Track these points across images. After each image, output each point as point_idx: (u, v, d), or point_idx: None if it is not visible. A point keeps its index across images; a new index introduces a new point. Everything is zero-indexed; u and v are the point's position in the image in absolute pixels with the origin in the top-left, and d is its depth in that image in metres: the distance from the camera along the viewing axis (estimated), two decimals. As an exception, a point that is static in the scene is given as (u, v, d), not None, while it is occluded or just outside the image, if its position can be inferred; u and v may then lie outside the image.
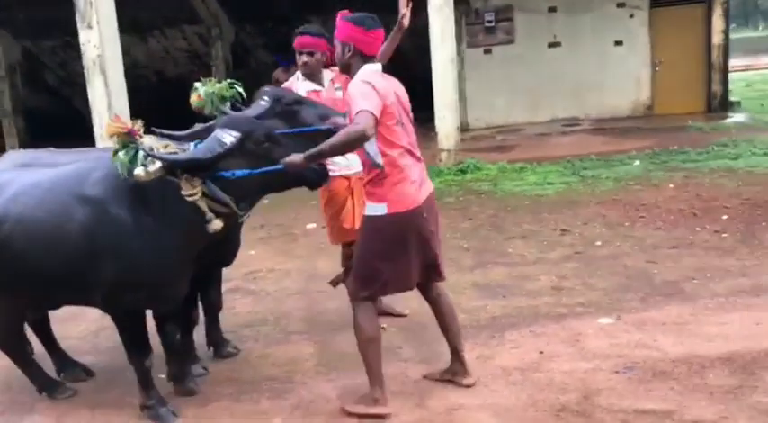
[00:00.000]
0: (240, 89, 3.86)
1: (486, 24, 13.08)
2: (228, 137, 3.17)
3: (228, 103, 3.87)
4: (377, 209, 3.32)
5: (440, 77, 9.01)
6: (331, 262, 5.36)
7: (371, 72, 3.33)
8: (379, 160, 3.28)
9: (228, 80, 3.94)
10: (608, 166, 8.85)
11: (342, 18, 3.39)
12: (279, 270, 5.98)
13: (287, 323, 4.75)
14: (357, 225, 4.12)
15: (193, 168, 3.15)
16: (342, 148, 3.21)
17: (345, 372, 3.87)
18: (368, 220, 3.39)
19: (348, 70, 3.43)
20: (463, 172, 9.01)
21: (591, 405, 3.33)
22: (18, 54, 14.85)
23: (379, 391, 3.44)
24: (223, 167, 3.19)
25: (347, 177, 4.27)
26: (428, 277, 3.56)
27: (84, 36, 9.29)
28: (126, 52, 15.52)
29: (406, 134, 3.38)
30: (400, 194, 3.30)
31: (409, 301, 4.47)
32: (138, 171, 3.07)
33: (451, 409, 3.40)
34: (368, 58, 3.37)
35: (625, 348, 3.92)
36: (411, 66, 9.38)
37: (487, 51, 13.32)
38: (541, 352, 3.96)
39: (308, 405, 3.56)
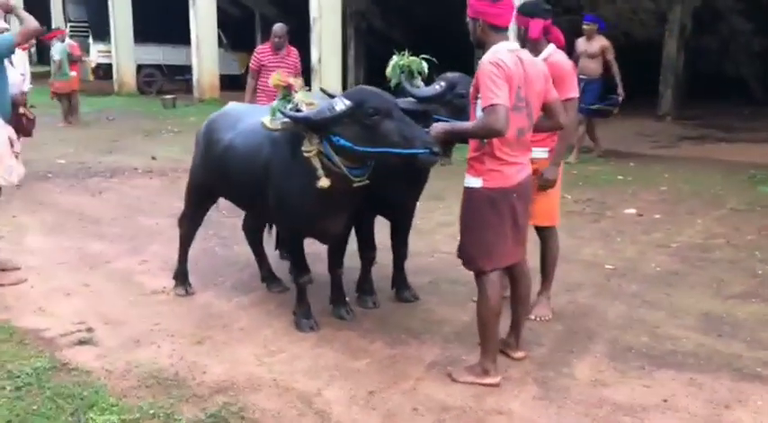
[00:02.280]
0: (425, 65, 4.15)
1: None
2: (341, 104, 3.53)
3: (419, 78, 4.20)
4: (473, 182, 3.45)
5: None
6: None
7: (503, 50, 3.36)
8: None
9: (422, 56, 4.24)
10: None
11: None
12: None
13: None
14: None
15: (310, 127, 3.61)
16: (475, 136, 3.43)
17: (466, 345, 3.99)
18: (465, 192, 3.52)
19: (482, 46, 3.47)
20: None
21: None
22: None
23: (491, 362, 3.57)
24: (337, 132, 3.55)
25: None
26: None
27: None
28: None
29: (521, 118, 3.39)
30: (496, 172, 3.39)
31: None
32: (264, 120, 3.71)
33: (495, 411, 3.31)
34: (500, 31, 3.43)
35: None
36: None
37: None
38: (665, 400, 3.41)
39: (398, 358, 3.84)
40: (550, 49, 4.10)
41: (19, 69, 7.66)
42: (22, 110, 7.30)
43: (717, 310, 4.51)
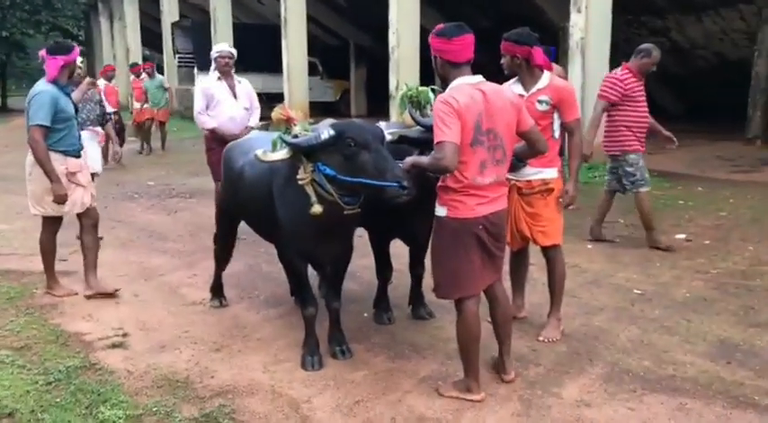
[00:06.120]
0: (432, 95, 4.28)
1: None
2: (326, 133, 3.71)
3: (428, 107, 4.34)
4: (440, 211, 3.59)
5: None
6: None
7: (459, 86, 3.46)
8: None
9: (432, 86, 4.37)
10: None
11: (431, 34, 3.56)
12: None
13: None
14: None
15: (303, 154, 3.79)
16: (430, 171, 3.54)
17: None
18: (434, 220, 3.66)
19: (445, 81, 3.57)
20: None
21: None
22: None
23: (473, 382, 3.70)
24: (323, 160, 3.71)
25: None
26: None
27: (573, 19, 10.01)
28: (681, 31, 15.40)
29: (483, 152, 3.46)
30: (459, 202, 3.50)
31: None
32: (259, 152, 3.94)
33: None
34: (458, 66, 3.49)
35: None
36: None
37: None
38: (643, 424, 3.41)
39: (394, 372, 4.03)
40: (548, 76, 4.20)
41: (243, 103, 7.39)
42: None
43: (734, 338, 4.41)
